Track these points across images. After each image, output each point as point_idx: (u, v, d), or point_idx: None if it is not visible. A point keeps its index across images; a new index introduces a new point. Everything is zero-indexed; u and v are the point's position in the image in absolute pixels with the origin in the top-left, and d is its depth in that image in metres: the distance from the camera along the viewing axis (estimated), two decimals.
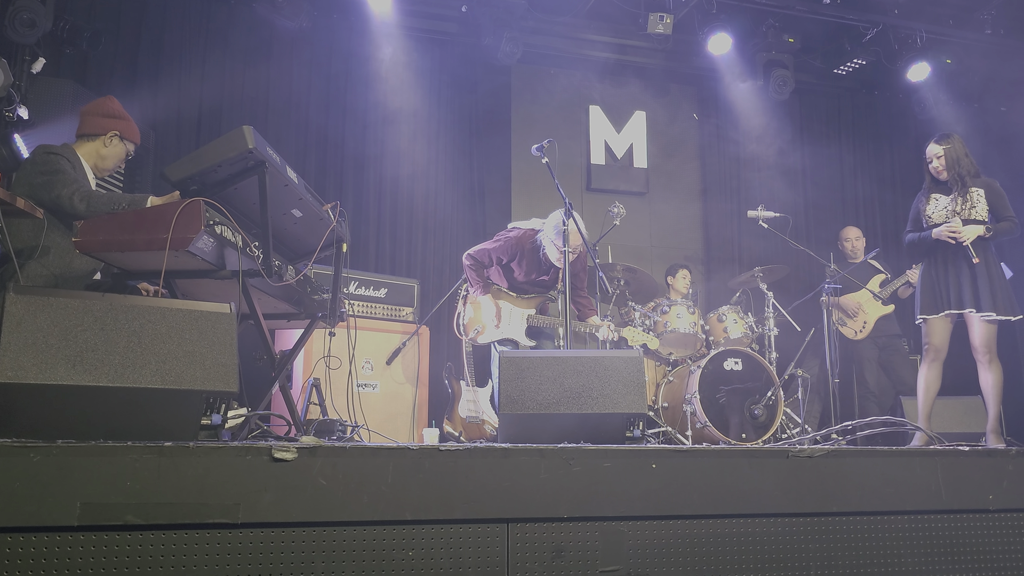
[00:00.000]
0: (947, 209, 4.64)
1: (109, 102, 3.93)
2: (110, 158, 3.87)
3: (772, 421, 5.52)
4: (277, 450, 2.14)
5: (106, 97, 3.97)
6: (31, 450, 1.98)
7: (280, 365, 3.49)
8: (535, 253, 5.14)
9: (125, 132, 3.90)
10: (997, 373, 4.55)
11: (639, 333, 5.35)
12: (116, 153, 3.88)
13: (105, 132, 3.83)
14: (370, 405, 5.03)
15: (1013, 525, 2.88)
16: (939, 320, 4.63)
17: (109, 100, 3.95)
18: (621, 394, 3.18)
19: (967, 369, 4.82)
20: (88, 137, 3.84)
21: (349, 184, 6.70)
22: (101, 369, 2.27)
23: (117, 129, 3.86)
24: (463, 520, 2.29)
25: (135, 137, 3.96)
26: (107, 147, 3.85)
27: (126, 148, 3.92)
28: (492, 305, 5.20)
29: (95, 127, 3.84)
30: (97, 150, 3.84)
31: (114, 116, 3.88)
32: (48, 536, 1.96)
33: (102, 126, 3.84)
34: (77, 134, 3.86)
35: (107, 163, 3.88)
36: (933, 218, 4.67)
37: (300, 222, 3.46)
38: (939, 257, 4.66)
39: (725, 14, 6.92)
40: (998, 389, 4.56)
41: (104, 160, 3.87)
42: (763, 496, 2.61)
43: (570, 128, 7.57)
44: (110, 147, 3.85)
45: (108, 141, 3.85)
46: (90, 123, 3.86)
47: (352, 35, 6.79)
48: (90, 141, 3.83)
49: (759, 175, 7.91)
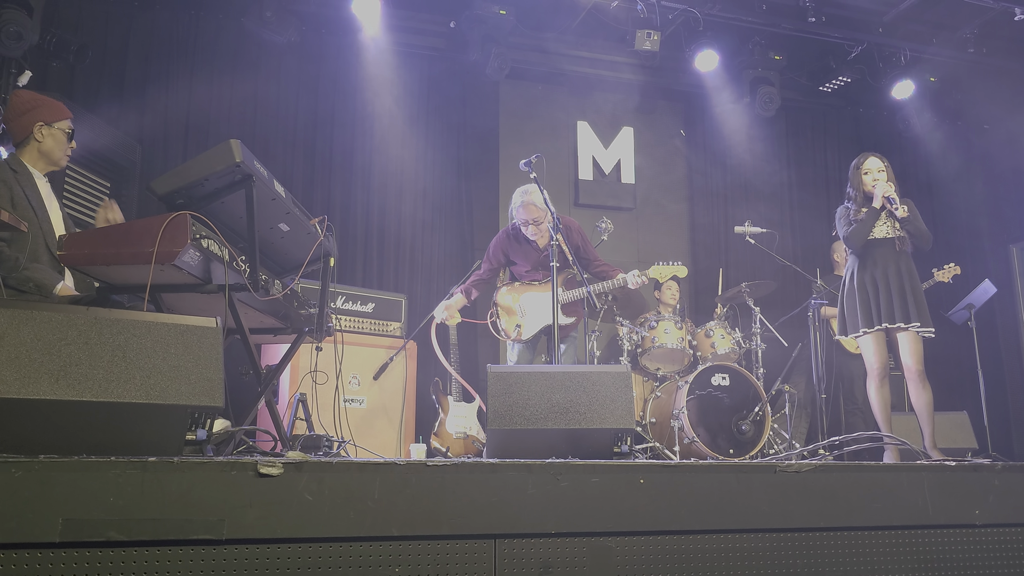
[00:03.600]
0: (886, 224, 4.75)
1: (18, 100, 3.77)
2: (52, 149, 3.72)
3: (759, 437, 5.52)
4: (263, 465, 2.13)
5: (13, 95, 3.83)
6: (13, 465, 1.95)
7: (266, 380, 3.47)
8: (521, 239, 5.31)
9: (48, 117, 3.72)
10: (930, 391, 4.62)
11: (665, 267, 5.39)
12: (54, 142, 3.72)
13: (31, 129, 3.69)
14: (357, 420, 5.00)
15: (1000, 540, 2.89)
16: (876, 336, 4.68)
17: (16, 97, 3.80)
18: (609, 409, 3.18)
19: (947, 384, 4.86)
20: (22, 143, 3.71)
21: (337, 199, 6.69)
22: (85, 383, 2.25)
23: (39, 119, 3.69)
24: (450, 536, 2.28)
25: (60, 114, 3.77)
26: (42, 141, 3.70)
27: (59, 130, 3.74)
28: (512, 301, 5.30)
29: (21, 131, 3.71)
30: (37, 150, 3.71)
31: (29, 109, 3.71)
32: (29, 552, 1.93)
33: (25, 126, 3.70)
34: (13, 144, 3.75)
35: (54, 155, 3.74)
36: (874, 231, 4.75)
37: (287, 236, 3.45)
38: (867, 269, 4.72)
39: (712, 31, 6.97)
40: (932, 407, 4.60)
41: (50, 154, 3.73)
42: (751, 511, 2.60)
43: (558, 144, 7.59)
44: (45, 139, 3.70)
45: (40, 135, 3.70)
46: (15, 129, 3.73)
47: (340, 50, 6.80)
48: (26, 145, 3.71)
49: (746, 191, 7.96)
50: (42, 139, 3.70)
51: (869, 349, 4.70)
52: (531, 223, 5.17)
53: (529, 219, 5.15)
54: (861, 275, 4.74)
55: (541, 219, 5.15)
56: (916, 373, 4.57)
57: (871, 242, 4.73)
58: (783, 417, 6.02)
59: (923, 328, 4.55)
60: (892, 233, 4.70)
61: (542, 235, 5.23)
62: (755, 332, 6.17)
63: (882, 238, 4.72)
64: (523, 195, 5.20)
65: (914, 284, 4.65)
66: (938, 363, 4.83)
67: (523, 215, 5.18)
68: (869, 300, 4.66)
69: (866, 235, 4.72)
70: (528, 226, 5.19)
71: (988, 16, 6.91)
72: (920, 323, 4.55)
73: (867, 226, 4.72)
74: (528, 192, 5.15)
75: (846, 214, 4.86)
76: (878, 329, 4.63)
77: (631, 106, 7.81)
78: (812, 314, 6.26)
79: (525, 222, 5.19)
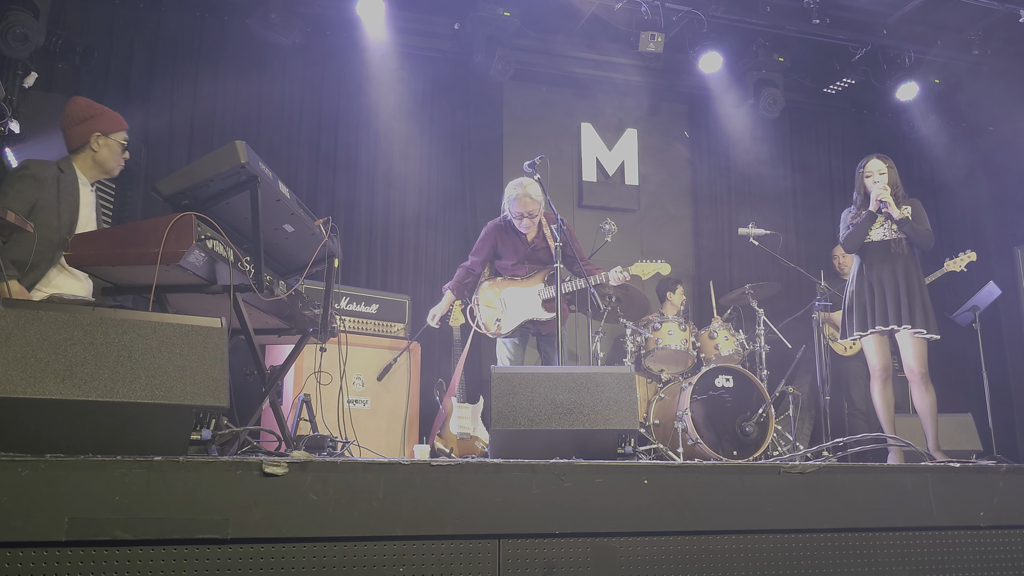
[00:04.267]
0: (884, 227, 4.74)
1: (76, 107, 3.83)
2: (107, 159, 3.82)
3: (763, 438, 5.52)
4: (268, 465, 2.13)
5: (71, 101, 3.87)
6: (19, 464, 1.96)
7: (270, 380, 3.48)
8: (511, 232, 5.26)
9: (106, 127, 3.81)
10: (933, 393, 4.60)
11: (648, 265, 5.35)
12: (110, 152, 3.82)
13: (88, 138, 3.76)
14: (361, 421, 5.01)
15: (1004, 542, 2.89)
16: (876, 338, 4.67)
17: (74, 104, 3.85)
18: (613, 410, 3.18)
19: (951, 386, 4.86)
20: (77, 150, 3.79)
21: (341, 200, 6.70)
22: (90, 383, 2.26)
23: (97, 129, 3.78)
24: (454, 536, 2.28)
25: (117, 125, 3.86)
26: (98, 151, 3.79)
27: (116, 141, 3.83)
28: (494, 296, 5.25)
29: (78, 138, 3.78)
30: (92, 159, 3.79)
31: (87, 118, 3.79)
32: (35, 551, 1.94)
33: (82, 134, 3.77)
34: (68, 150, 3.82)
35: (107, 164, 3.83)
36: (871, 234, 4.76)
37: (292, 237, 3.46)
38: (867, 272, 4.72)
39: (716, 33, 6.97)
40: (935, 409, 4.59)
41: (103, 164, 3.82)
42: (755, 512, 2.60)
43: (562, 145, 7.60)
44: (101, 149, 3.79)
45: (96, 145, 3.78)
46: (71, 136, 3.79)
47: (345, 52, 6.81)
48: (80, 153, 3.78)
49: (750, 193, 7.96)
50: (98, 149, 3.78)
51: (870, 351, 4.70)
52: (526, 216, 5.13)
53: (524, 212, 5.11)
54: (861, 278, 4.75)
55: (536, 213, 5.13)
56: (919, 375, 4.57)
57: (869, 245, 4.74)
58: (787, 419, 6.01)
59: (920, 331, 4.53)
60: (889, 235, 4.71)
61: (533, 229, 5.22)
62: (759, 334, 6.17)
63: (879, 240, 4.72)
64: (518, 187, 5.14)
65: (915, 286, 4.63)
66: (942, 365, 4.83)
67: (517, 208, 5.12)
68: (873, 302, 4.66)
69: (862, 238, 4.73)
70: (523, 219, 5.14)
71: (993, 18, 6.91)
72: (917, 326, 4.53)
73: (863, 229, 4.73)
74: (524, 184, 5.10)
75: (848, 217, 4.88)
76: (874, 332, 4.63)
77: (635, 108, 7.81)
78: (816, 316, 6.26)
79: (520, 215, 5.13)
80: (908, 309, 4.56)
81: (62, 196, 3.64)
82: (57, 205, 3.61)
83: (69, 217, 3.65)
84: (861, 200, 4.83)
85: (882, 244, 4.71)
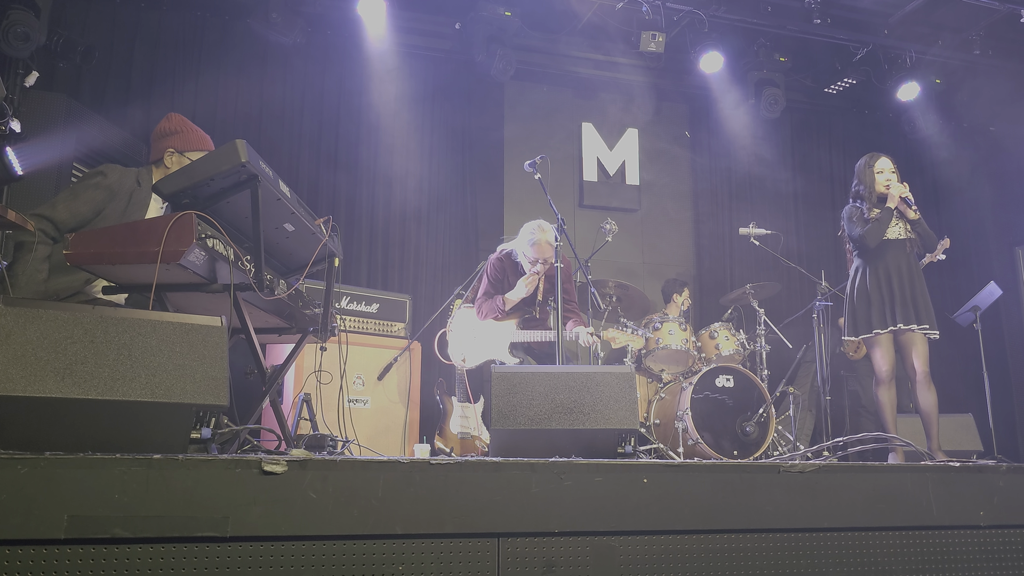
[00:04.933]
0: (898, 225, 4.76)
1: (166, 121, 3.87)
2: None
3: (764, 438, 5.52)
4: (267, 463, 2.13)
5: (165, 117, 3.90)
6: (19, 462, 1.96)
7: (271, 379, 3.48)
8: (516, 270, 5.17)
9: (181, 146, 3.82)
10: (935, 393, 4.63)
11: (621, 334, 5.16)
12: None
13: (163, 154, 3.79)
14: (361, 420, 5.01)
15: (1004, 542, 2.88)
16: (887, 337, 4.67)
17: (166, 119, 3.89)
18: (613, 410, 3.18)
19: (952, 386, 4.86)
20: (155, 164, 3.82)
21: (342, 199, 6.71)
22: (90, 382, 2.26)
23: (171, 146, 3.79)
24: (453, 535, 2.28)
25: (196, 144, 3.85)
26: (170, 167, 3.77)
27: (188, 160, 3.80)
28: (467, 323, 5.21)
29: (155, 153, 3.82)
30: (163, 174, 3.76)
31: (168, 134, 3.82)
32: (35, 549, 1.94)
33: (159, 149, 3.80)
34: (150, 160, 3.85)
35: None
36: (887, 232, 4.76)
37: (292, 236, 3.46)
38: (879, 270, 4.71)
39: (717, 33, 6.97)
40: (937, 409, 4.60)
41: None
42: (754, 512, 2.60)
43: (563, 145, 7.60)
44: (173, 165, 3.78)
45: (169, 161, 3.79)
46: (153, 149, 3.84)
47: (346, 51, 6.82)
48: (157, 167, 3.81)
49: (750, 192, 7.96)
50: (170, 165, 3.77)
51: (878, 350, 4.69)
52: (539, 262, 5.00)
53: (539, 258, 4.98)
54: (873, 276, 4.71)
55: (549, 260, 4.98)
56: (922, 375, 4.57)
57: (883, 243, 4.72)
58: (787, 419, 6.01)
59: (930, 330, 4.57)
60: (904, 235, 4.70)
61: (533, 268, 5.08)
62: (759, 334, 6.16)
63: (894, 239, 4.71)
64: (538, 232, 4.98)
65: (920, 286, 4.66)
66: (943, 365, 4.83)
67: (534, 253, 4.98)
68: (884, 301, 4.65)
69: (882, 235, 4.72)
70: (536, 264, 5.01)
71: (994, 18, 6.90)
72: (927, 325, 4.56)
73: (883, 226, 4.70)
74: (544, 230, 4.97)
75: (858, 213, 4.82)
76: (890, 330, 4.63)
77: (636, 108, 7.81)
78: (816, 316, 6.26)
79: (533, 260, 5.00)
80: (916, 308, 4.57)
81: (129, 211, 3.66)
82: (122, 218, 3.62)
83: None
84: (875, 198, 4.79)
85: (898, 243, 4.71)
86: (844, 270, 6.75)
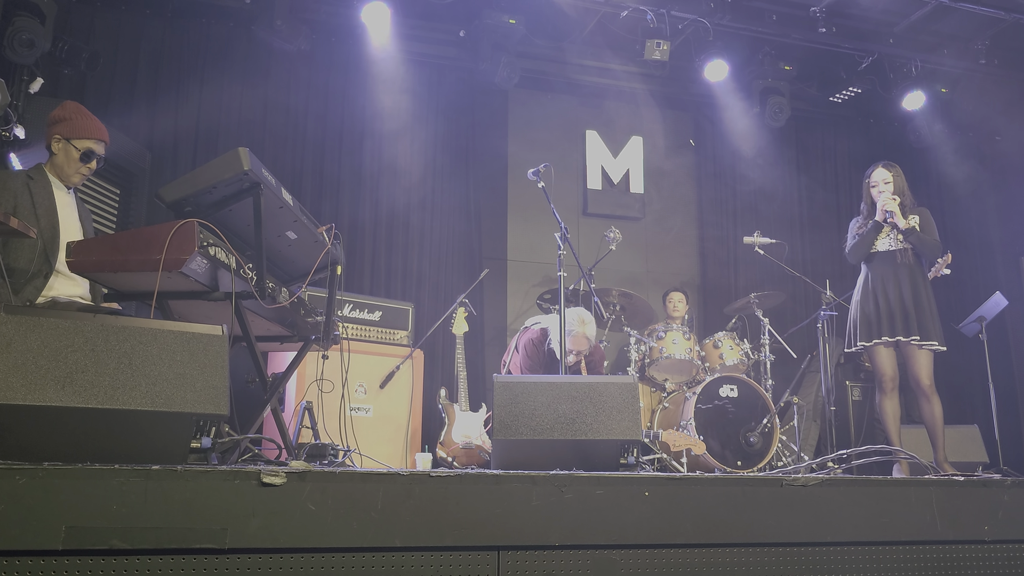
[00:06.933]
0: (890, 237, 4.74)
1: (59, 109, 3.70)
2: (62, 165, 3.64)
3: (767, 449, 5.50)
4: (266, 475, 2.12)
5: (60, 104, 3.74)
6: (17, 472, 1.96)
7: (272, 388, 3.47)
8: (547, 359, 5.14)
9: (68, 133, 3.63)
10: (940, 404, 4.60)
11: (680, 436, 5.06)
12: (65, 158, 3.63)
13: (49, 141, 3.65)
14: (363, 429, 4.99)
15: (1009, 556, 2.86)
16: (883, 348, 4.66)
17: (60, 107, 3.72)
18: (615, 420, 3.17)
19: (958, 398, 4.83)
20: (48, 152, 3.68)
21: (345, 207, 6.70)
22: (91, 390, 2.25)
23: (59, 133, 3.63)
24: (453, 547, 2.26)
25: (84, 132, 3.66)
26: (55, 155, 3.65)
27: (75, 147, 3.63)
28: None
29: (46, 139, 3.67)
30: (53, 162, 3.66)
31: (56, 121, 3.65)
32: (32, 560, 1.93)
33: (47, 136, 3.66)
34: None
35: (64, 170, 3.65)
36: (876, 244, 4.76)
37: (295, 244, 3.45)
38: (873, 282, 4.70)
39: (722, 41, 6.96)
40: (942, 420, 4.58)
41: (61, 168, 3.65)
42: (757, 525, 2.58)
43: (567, 153, 7.59)
44: (57, 154, 3.64)
45: (55, 148, 3.64)
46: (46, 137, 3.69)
47: (350, 59, 6.82)
48: (50, 156, 3.68)
49: (755, 201, 7.94)
50: (56, 152, 3.65)
51: (877, 361, 4.68)
52: (576, 353, 4.93)
53: (578, 350, 4.93)
54: (867, 288, 4.74)
55: (584, 353, 4.96)
56: (925, 387, 4.55)
57: (875, 255, 4.73)
58: (792, 429, 5.99)
59: (927, 342, 4.52)
60: (895, 246, 4.69)
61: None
62: (764, 343, 6.14)
63: (885, 251, 4.71)
64: (581, 325, 4.92)
65: (923, 297, 4.62)
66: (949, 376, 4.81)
67: (571, 345, 4.88)
68: (880, 312, 4.64)
69: (867, 249, 4.72)
70: (570, 355, 4.90)
71: (1000, 27, 6.89)
72: (925, 337, 4.52)
73: (868, 240, 4.72)
74: (585, 323, 4.93)
75: (855, 226, 4.87)
76: (878, 343, 4.61)
77: (640, 116, 7.80)
78: (821, 325, 6.23)
79: (570, 351, 4.88)
80: (916, 320, 4.55)
81: (36, 201, 3.53)
82: (33, 210, 3.51)
83: (48, 221, 3.54)
84: (868, 210, 4.82)
85: (888, 255, 4.70)
86: (850, 280, 6.74)
